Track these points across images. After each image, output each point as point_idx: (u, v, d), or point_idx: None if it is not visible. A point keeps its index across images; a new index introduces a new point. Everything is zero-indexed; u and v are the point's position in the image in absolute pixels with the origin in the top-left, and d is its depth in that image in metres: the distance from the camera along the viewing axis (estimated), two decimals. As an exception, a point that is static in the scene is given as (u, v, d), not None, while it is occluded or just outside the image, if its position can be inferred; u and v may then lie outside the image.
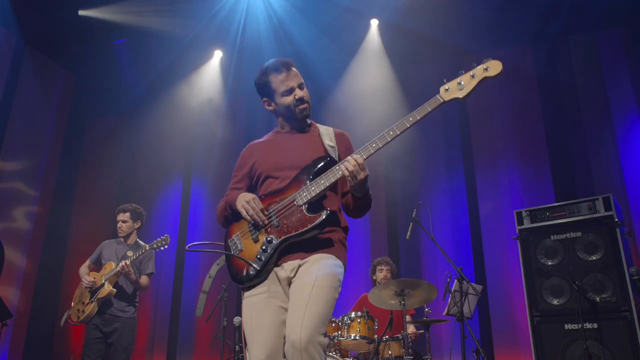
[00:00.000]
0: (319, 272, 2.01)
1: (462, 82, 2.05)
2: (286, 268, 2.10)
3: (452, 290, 4.23)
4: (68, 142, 7.53)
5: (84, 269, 4.64)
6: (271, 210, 2.14)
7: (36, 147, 7.01)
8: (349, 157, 2.04)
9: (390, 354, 4.09)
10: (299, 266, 2.08)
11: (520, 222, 4.36)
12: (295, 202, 2.11)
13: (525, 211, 4.38)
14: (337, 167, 2.07)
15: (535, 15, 6.03)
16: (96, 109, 7.72)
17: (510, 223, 4.73)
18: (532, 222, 4.31)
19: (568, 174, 5.84)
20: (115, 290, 4.30)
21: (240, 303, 6.77)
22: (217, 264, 4.05)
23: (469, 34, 6.18)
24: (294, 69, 2.31)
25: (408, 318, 4.32)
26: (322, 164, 2.15)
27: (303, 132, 2.34)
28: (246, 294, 2.14)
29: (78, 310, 4.41)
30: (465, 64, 2.13)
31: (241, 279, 2.13)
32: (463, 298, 3.99)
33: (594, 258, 3.96)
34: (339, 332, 4.04)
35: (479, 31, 6.16)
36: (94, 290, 4.33)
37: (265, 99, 2.37)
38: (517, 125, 6.25)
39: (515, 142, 6.21)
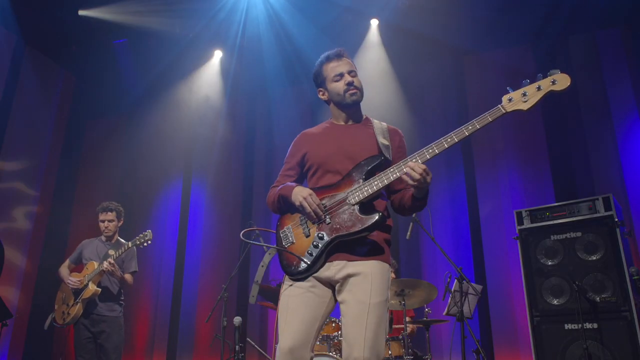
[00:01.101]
0: (372, 289, 2.06)
1: (527, 94, 1.98)
2: (331, 267, 2.12)
3: (452, 290, 4.23)
4: (68, 142, 7.53)
5: (64, 270, 4.54)
6: (324, 205, 2.16)
7: (36, 147, 7.01)
8: (411, 163, 2.04)
9: (390, 354, 4.09)
10: (348, 275, 2.09)
11: (520, 222, 4.36)
12: (347, 201, 2.12)
13: (525, 211, 4.38)
14: (392, 170, 2.09)
15: (535, 15, 6.03)
16: (96, 109, 7.72)
17: (510, 223, 4.73)
18: (532, 222, 4.31)
19: (568, 174, 5.84)
20: (99, 290, 4.24)
21: (241, 303, 6.77)
22: (270, 254, 4.04)
23: (469, 34, 6.18)
24: (345, 57, 2.39)
25: (408, 319, 4.32)
26: (376, 163, 2.16)
27: (358, 127, 2.37)
28: (287, 284, 2.19)
29: (63, 312, 4.34)
30: (465, 64, 2.13)
31: (292, 272, 2.17)
32: (463, 298, 3.99)
33: (594, 258, 3.96)
34: (339, 332, 4.04)
35: (479, 31, 6.16)
36: (78, 291, 4.28)
37: (320, 89, 2.43)
38: (517, 125, 6.25)
39: (515, 142, 6.21)
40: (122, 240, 4.56)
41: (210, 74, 7.25)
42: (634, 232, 5.25)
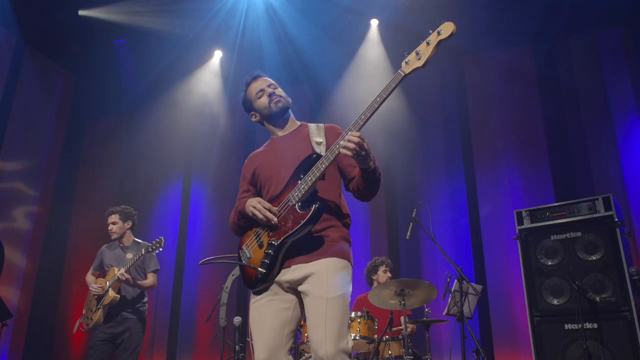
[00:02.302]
0: (328, 284, 2.08)
1: (420, 52, 2.08)
2: (289, 272, 2.16)
3: (452, 290, 4.23)
4: (68, 142, 7.53)
5: (90, 277, 4.64)
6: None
7: (36, 147, 7.01)
8: (341, 142, 2.03)
9: (390, 354, 4.09)
10: (305, 276, 2.12)
11: (520, 222, 4.37)
12: (289, 203, 2.17)
13: (525, 211, 4.38)
14: (321, 160, 2.12)
15: (535, 15, 6.02)
16: (96, 109, 7.72)
17: (510, 223, 4.73)
18: (532, 222, 4.31)
19: (568, 174, 5.84)
20: (119, 296, 4.28)
21: (241, 303, 6.77)
22: (233, 275, 4.11)
23: (469, 34, 6.17)
24: (262, 77, 2.55)
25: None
26: (310, 161, 2.20)
27: (293, 134, 2.44)
28: (252, 299, 2.24)
29: (87, 317, 4.41)
30: (465, 64, 2.13)
31: (251, 284, 2.24)
32: (463, 298, 3.99)
33: (594, 258, 3.96)
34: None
35: (479, 31, 6.15)
36: (99, 297, 4.32)
37: (251, 113, 2.56)
38: (517, 125, 6.25)
39: (515, 142, 6.21)
40: (140, 241, 4.58)
41: (210, 74, 7.25)
42: (634, 232, 5.25)
